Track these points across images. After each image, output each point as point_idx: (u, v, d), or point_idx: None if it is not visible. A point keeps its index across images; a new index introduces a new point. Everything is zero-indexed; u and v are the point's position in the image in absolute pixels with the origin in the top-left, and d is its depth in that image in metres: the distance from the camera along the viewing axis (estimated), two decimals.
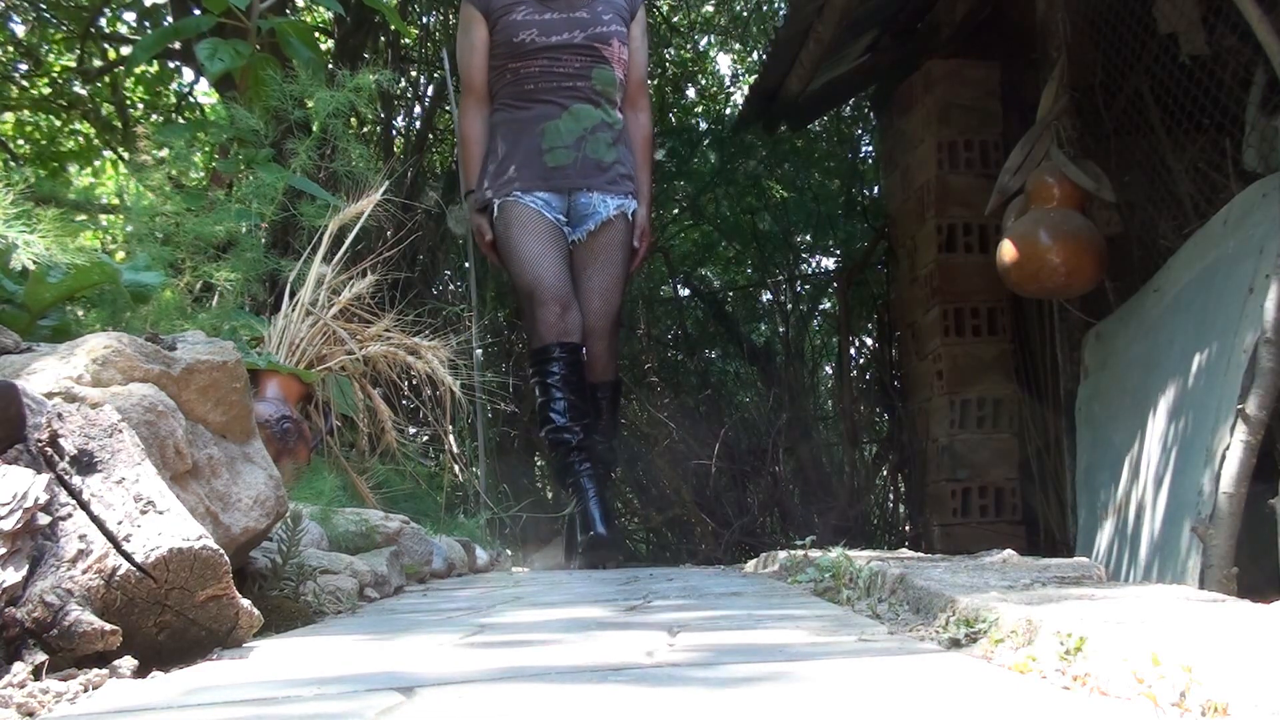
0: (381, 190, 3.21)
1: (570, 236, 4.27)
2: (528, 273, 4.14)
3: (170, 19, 5.01)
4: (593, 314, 4.24)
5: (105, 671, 1.21)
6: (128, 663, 1.24)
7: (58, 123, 6.82)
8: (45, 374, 1.53)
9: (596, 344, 4.27)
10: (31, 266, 2.27)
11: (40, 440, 1.33)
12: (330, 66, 4.50)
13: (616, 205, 4.25)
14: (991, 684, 1.02)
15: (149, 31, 5.49)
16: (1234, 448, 2.72)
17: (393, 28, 5.45)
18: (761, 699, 0.96)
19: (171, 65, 6.31)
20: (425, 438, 4.35)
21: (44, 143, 6.74)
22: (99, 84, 6.48)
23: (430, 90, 6.10)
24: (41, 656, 1.20)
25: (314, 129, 3.43)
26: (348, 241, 3.19)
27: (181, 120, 5.83)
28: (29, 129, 6.79)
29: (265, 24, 3.79)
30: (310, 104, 3.51)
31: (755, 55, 6.85)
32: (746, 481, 5.58)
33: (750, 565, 3.03)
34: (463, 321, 4.63)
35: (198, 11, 4.09)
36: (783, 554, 2.57)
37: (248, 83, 3.68)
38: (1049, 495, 4.45)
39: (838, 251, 6.20)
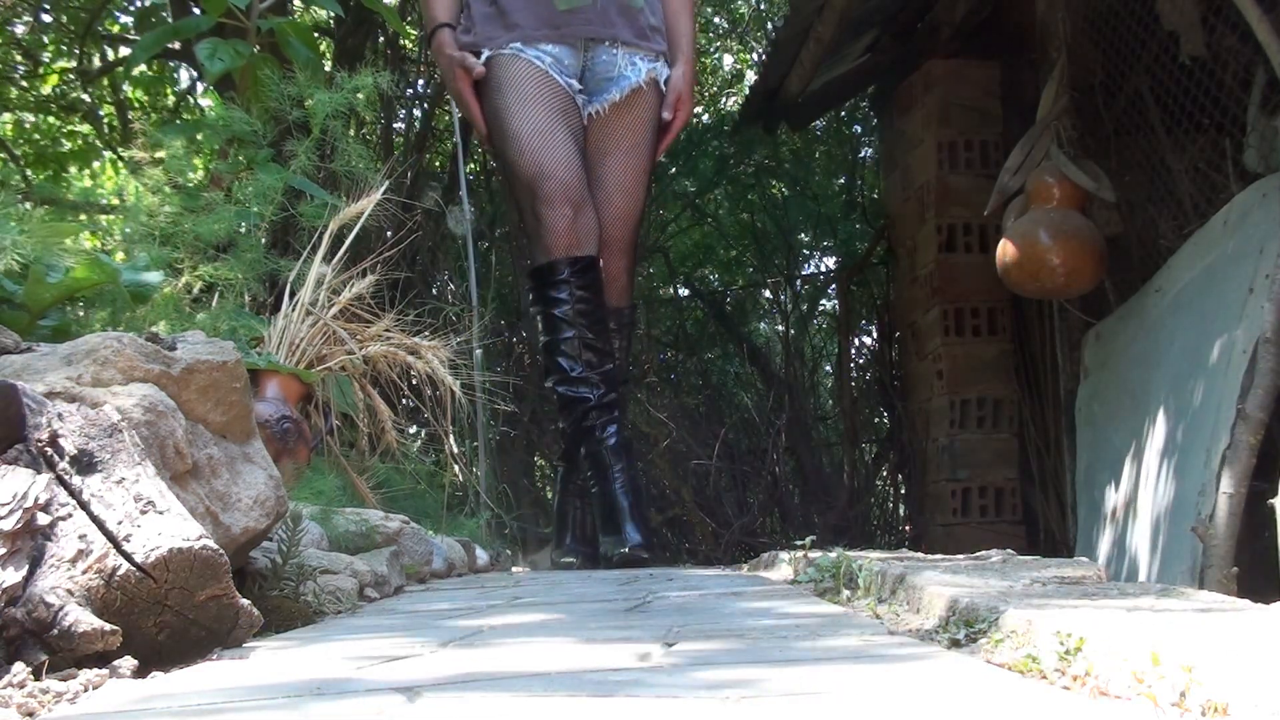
0: (381, 190, 3.21)
1: (586, 108, 3.34)
2: (528, 157, 3.20)
3: (170, 19, 5.01)
4: (612, 219, 3.30)
5: (105, 671, 1.21)
6: (128, 663, 1.24)
7: (57, 124, 6.82)
8: (45, 374, 1.53)
9: (615, 260, 3.36)
10: (16, 268, 2.27)
11: (40, 440, 1.33)
12: (330, 68, 4.51)
13: (648, 69, 3.33)
14: (991, 684, 1.02)
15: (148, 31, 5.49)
16: (1234, 448, 2.72)
17: (392, 29, 5.45)
18: (761, 701, 0.96)
19: (171, 65, 6.31)
20: (425, 437, 4.34)
21: (44, 144, 6.74)
22: (99, 85, 6.48)
23: (430, 90, 6.11)
24: (41, 656, 1.20)
25: (313, 130, 3.43)
26: (348, 241, 3.19)
27: (181, 120, 5.83)
28: (30, 129, 6.79)
29: (265, 24, 3.79)
30: (309, 104, 3.51)
31: (755, 55, 6.85)
32: (746, 481, 5.58)
33: (750, 565, 3.03)
34: (463, 321, 4.61)
35: (198, 11, 4.09)
36: (783, 554, 2.57)
37: (247, 83, 3.69)
38: (1049, 495, 4.45)
39: (838, 251, 6.21)
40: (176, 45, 4.97)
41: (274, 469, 1.83)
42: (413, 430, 4.13)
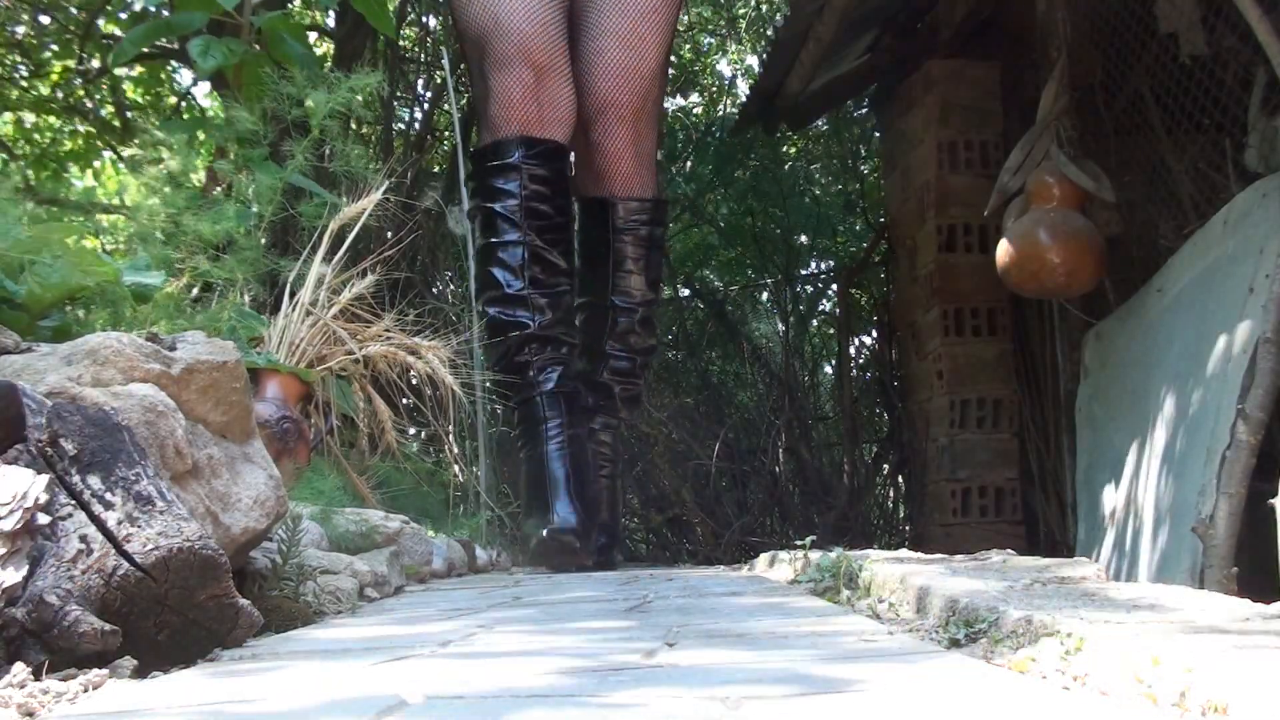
0: (381, 190, 3.21)
1: None
2: (478, 4, 2.51)
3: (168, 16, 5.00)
4: (605, 74, 2.57)
5: (105, 671, 1.21)
6: (128, 663, 1.24)
7: (58, 123, 6.83)
8: (45, 374, 1.53)
9: (615, 129, 2.60)
10: (23, 264, 2.27)
11: (40, 440, 1.33)
12: (329, 69, 4.49)
13: None
14: (991, 684, 1.02)
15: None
16: (1234, 448, 2.72)
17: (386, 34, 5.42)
18: (762, 702, 0.96)
19: (171, 65, 6.31)
20: (425, 437, 4.33)
21: (45, 143, 6.75)
22: (98, 85, 6.49)
23: (429, 90, 6.11)
24: (41, 656, 1.20)
25: (311, 130, 3.43)
26: (348, 241, 3.19)
27: (182, 119, 5.83)
28: (30, 130, 6.79)
29: (258, 21, 3.77)
30: (309, 103, 3.50)
31: (754, 57, 6.85)
32: (746, 481, 5.58)
33: (749, 565, 3.03)
34: (463, 321, 4.60)
35: None
36: (783, 554, 2.57)
37: (241, 80, 3.67)
38: (1049, 496, 4.45)
39: (838, 252, 6.21)
40: (175, 45, 4.97)
41: (274, 469, 1.83)
42: (413, 430, 4.12)
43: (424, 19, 6.17)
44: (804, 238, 6.28)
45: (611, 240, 2.68)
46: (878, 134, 5.87)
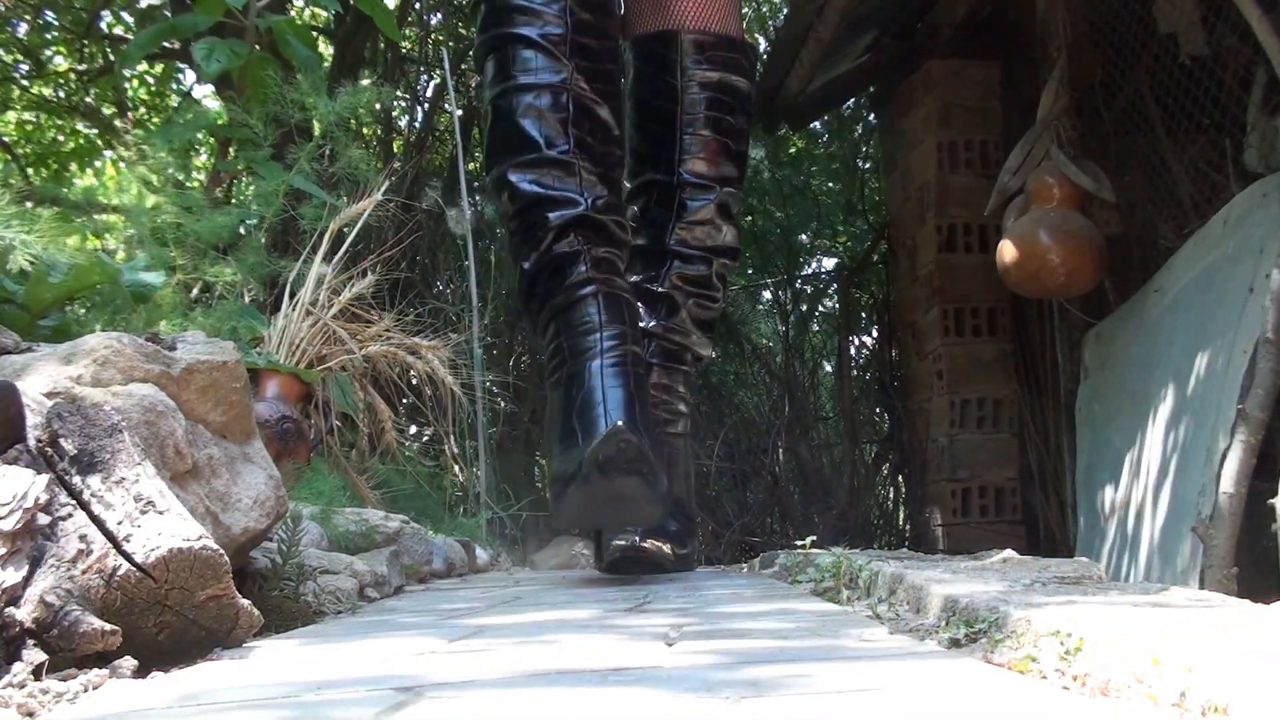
0: (381, 190, 3.21)
1: None
2: None
3: (170, 17, 5.00)
4: None
5: (105, 671, 1.21)
6: (128, 663, 1.24)
7: (59, 123, 6.82)
8: (45, 374, 1.53)
9: None
10: (29, 267, 2.27)
11: (40, 440, 1.33)
12: (331, 72, 4.49)
13: None
14: (991, 684, 1.02)
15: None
16: (1234, 448, 2.72)
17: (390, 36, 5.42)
18: (761, 701, 0.96)
19: (177, 66, 6.31)
20: (425, 437, 4.33)
21: (46, 142, 6.74)
22: (100, 84, 6.48)
23: (430, 91, 6.11)
24: (41, 657, 1.20)
25: (314, 133, 3.43)
26: (348, 242, 3.20)
27: (181, 120, 5.82)
28: (30, 129, 6.79)
29: (263, 22, 3.77)
30: (309, 103, 3.50)
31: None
32: (746, 481, 5.58)
33: (750, 565, 3.03)
34: (463, 321, 4.60)
35: None
36: (783, 554, 2.57)
37: (245, 83, 3.67)
38: (1049, 495, 4.45)
39: (838, 252, 6.21)
40: (176, 45, 4.97)
41: (274, 469, 1.83)
42: (413, 430, 4.12)
43: (425, 19, 6.17)
44: (804, 238, 6.28)
45: (681, 90, 2.04)
46: (878, 134, 5.87)
